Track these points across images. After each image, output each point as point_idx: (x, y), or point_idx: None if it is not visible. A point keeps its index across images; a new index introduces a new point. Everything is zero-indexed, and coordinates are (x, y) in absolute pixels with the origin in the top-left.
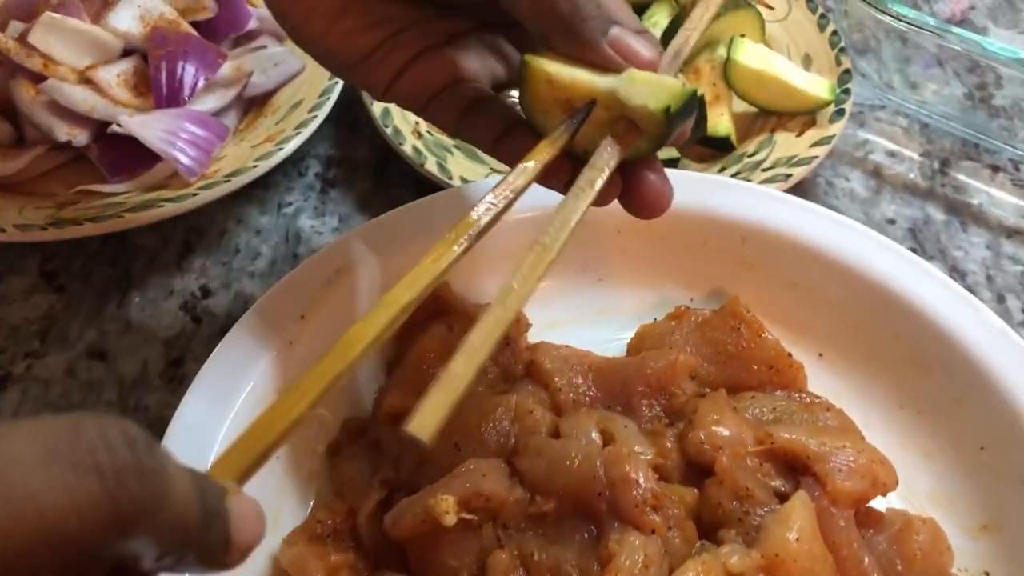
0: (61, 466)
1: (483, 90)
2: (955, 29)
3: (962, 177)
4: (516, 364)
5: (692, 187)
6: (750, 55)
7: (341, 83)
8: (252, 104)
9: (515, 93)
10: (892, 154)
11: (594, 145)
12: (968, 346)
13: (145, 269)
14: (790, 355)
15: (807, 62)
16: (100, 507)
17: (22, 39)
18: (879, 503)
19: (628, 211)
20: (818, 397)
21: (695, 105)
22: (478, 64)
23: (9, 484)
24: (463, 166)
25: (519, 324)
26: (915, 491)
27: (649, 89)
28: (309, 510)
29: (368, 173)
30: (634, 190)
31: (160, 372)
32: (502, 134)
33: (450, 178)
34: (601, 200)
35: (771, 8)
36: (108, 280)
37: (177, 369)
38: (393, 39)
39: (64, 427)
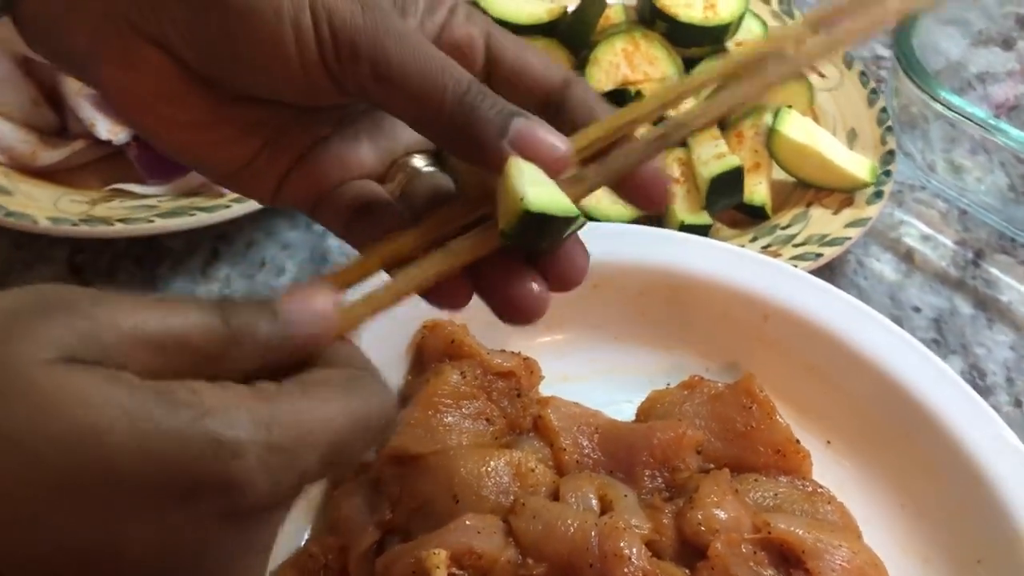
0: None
1: (368, 191)
2: (1002, 124)
3: (994, 271)
4: (524, 417)
5: (719, 258)
6: (795, 128)
7: None
8: None
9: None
10: (927, 238)
11: None
12: (977, 457)
13: (170, 273)
14: (798, 442)
15: (852, 137)
16: None
17: None
18: None
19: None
20: (821, 487)
21: (547, 224)
22: (368, 151)
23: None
24: None
25: (532, 376)
26: None
27: (503, 200)
28: (303, 542)
29: None
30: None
31: None
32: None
33: None
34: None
35: (823, 76)
36: (133, 280)
37: None
38: (273, 144)
39: None
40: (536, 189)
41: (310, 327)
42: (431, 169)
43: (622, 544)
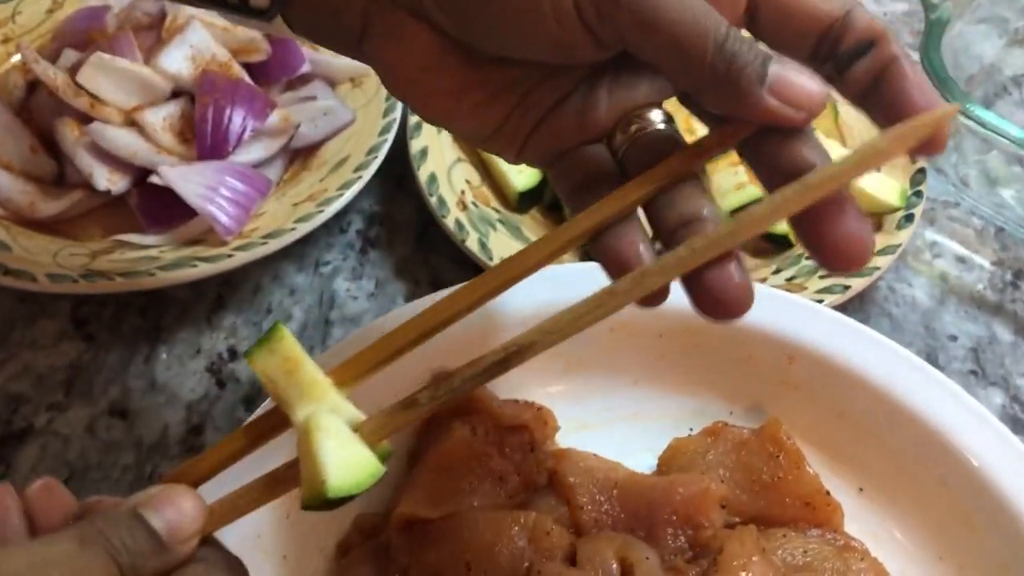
0: None
1: (598, 163)
2: None
3: None
4: (539, 472)
5: None
6: None
7: (390, 140)
8: (297, 155)
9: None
10: (962, 260)
11: None
12: (1017, 506)
13: (175, 323)
14: (828, 493)
15: None
16: None
17: (71, 75)
18: None
19: (700, 311)
20: (853, 540)
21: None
22: (605, 106)
23: None
24: (505, 244)
25: (546, 427)
26: None
27: (305, 464)
28: None
29: (410, 235)
30: (702, 288)
31: (180, 438)
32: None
33: (490, 258)
34: None
35: None
36: (137, 332)
37: (196, 437)
38: (522, 104)
39: None
40: (340, 462)
41: (188, 547)
42: (664, 125)
43: None
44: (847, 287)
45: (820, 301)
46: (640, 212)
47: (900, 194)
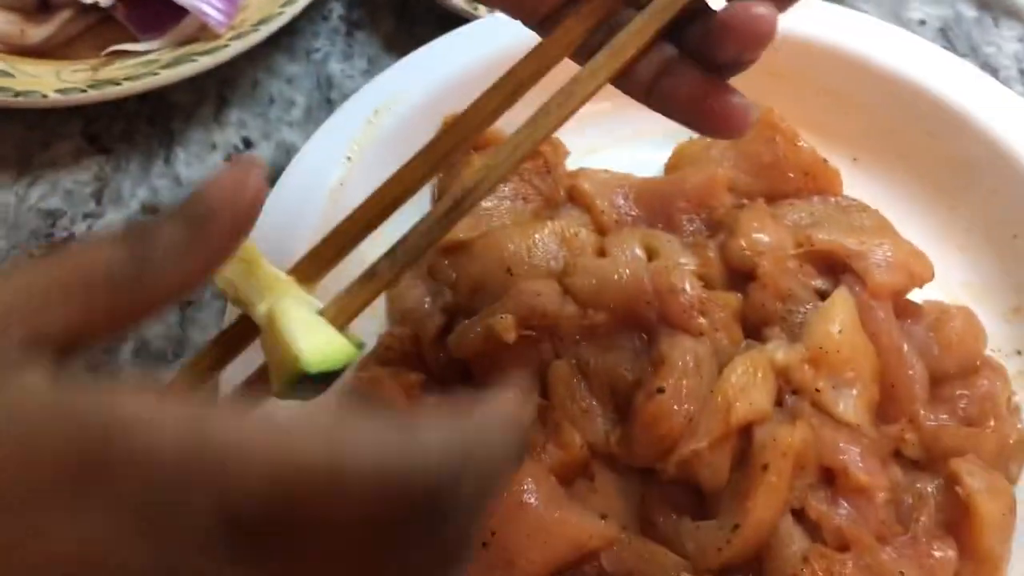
0: None
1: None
2: None
3: None
4: (558, 191)
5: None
6: None
7: None
8: None
9: None
10: None
11: None
12: (1002, 138)
13: (184, 125)
14: (825, 161)
15: None
16: None
17: None
18: (916, 295)
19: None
20: (853, 200)
21: (327, 377)
22: None
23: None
24: None
25: (557, 151)
26: (949, 282)
27: (273, 354)
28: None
29: (391, 11)
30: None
31: None
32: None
33: (476, 8)
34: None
35: None
36: (150, 138)
37: None
38: None
39: None
40: (311, 340)
41: (223, 191)
42: None
43: (674, 279)
44: None
45: None
46: None
47: None
